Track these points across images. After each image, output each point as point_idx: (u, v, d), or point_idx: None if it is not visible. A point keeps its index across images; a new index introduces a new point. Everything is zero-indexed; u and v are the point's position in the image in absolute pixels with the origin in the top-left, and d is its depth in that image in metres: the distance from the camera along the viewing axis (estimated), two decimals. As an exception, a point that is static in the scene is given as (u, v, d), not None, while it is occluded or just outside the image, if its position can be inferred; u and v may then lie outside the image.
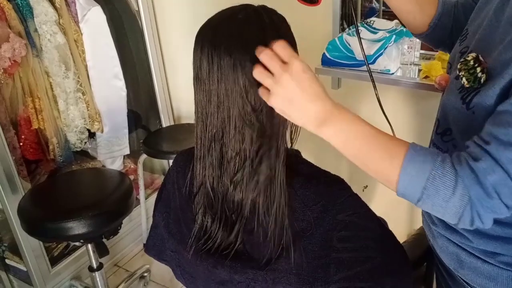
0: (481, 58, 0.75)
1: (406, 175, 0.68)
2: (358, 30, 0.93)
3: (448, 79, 0.88)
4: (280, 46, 0.70)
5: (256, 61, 0.72)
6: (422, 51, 1.68)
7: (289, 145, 0.84)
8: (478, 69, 0.73)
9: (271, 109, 0.75)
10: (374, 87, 0.98)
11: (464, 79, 0.75)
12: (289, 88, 0.69)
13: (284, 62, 0.70)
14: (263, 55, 0.71)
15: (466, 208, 0.65)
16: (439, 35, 1.02)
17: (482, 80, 0.73)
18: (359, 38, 0.98)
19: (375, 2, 2.07)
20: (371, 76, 0.99)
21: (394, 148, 0.70)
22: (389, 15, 2.08)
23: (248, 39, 0.75)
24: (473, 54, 0.76)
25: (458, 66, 0.77)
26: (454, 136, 0.83)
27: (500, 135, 0.64)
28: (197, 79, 0.79)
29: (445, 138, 0.86)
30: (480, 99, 0.72)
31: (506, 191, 0.64)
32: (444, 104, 0.84)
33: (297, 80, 0.69)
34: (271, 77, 0.70)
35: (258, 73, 0.72)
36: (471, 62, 0.75)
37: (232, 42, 0.74)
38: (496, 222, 0.76)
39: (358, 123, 0.72)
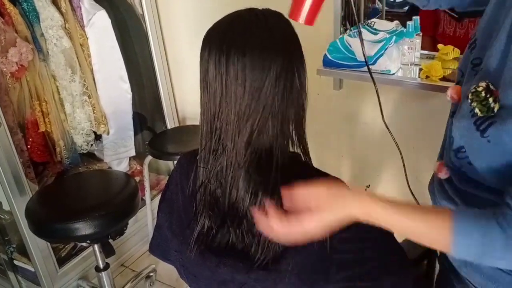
0: (491, 87, 0.74)
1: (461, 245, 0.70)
2: (360, 31, 0.94)
3: (460, 91, 0.86)
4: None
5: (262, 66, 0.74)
6: (423, 52, 1.69)
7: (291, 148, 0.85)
8: (491, 100, 0.73)
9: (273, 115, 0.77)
10: (375, 85, 0.98)
11: (477, 109, 0.75)
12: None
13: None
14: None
15: None
16: None
17: (495, 110, 0.72)
18: (361, 39, 0.99)
19: (378, 3, 2.08)
20: (371, 76, 0.99)
21: (438, 222, 0.72)
22: (392, 15, 2.09)
23: (254, 42, 0.76)
24: (483, 84, 0.75)
25: (470, 97, 0.77)
26: (468, 154, 0.82)
27: None
28: (204, 81, 0.80)
29: (459, 155, 0.84)
30: (497, 132, 0.71)
31: None
32: (456, 126, 0.83)
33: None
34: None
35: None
36: (483, 94, 0.74)
37: (239, 46, 0.76)
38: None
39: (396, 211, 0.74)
